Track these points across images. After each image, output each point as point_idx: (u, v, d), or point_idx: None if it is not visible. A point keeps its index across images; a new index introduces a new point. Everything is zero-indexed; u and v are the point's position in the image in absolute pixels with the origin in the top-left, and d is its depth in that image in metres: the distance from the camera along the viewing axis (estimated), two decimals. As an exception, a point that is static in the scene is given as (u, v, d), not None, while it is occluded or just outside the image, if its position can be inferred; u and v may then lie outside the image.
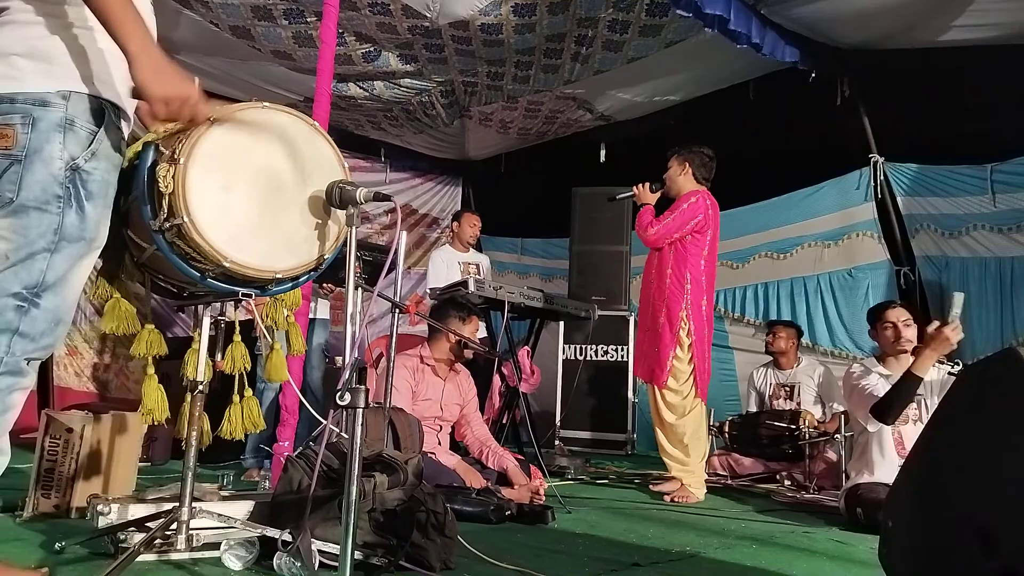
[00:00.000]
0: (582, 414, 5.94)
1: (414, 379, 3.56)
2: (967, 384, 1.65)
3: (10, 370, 1.56)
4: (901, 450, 3.33)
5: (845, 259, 5.71)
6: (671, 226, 3.91)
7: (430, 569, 2.02)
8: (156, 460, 4.36)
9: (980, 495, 1.38)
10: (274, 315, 2.27)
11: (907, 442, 3.32)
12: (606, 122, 6.75)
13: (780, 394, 4.98)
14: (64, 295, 1.62)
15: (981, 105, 4.63)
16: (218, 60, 5.32)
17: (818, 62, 5.07)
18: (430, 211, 8.06)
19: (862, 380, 3.37)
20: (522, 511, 2.98)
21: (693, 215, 3.90)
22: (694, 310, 3.90)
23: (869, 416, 3.23)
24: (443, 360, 3.66)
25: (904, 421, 3.35)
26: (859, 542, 2.77)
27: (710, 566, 2.37)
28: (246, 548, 2.03)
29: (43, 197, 1.56)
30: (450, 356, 3.67)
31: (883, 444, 3.34)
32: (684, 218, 3.90)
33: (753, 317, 6.16)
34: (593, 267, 6.15)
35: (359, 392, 1.63)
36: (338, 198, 1.86)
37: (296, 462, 2.24)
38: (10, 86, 1.56)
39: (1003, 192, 4.98)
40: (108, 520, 2.12)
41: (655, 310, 4.00)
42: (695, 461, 3.88)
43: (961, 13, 4.47)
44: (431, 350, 3.67)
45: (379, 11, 4.73)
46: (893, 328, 3.40)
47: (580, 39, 5.16)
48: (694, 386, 3.92)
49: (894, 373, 3.34)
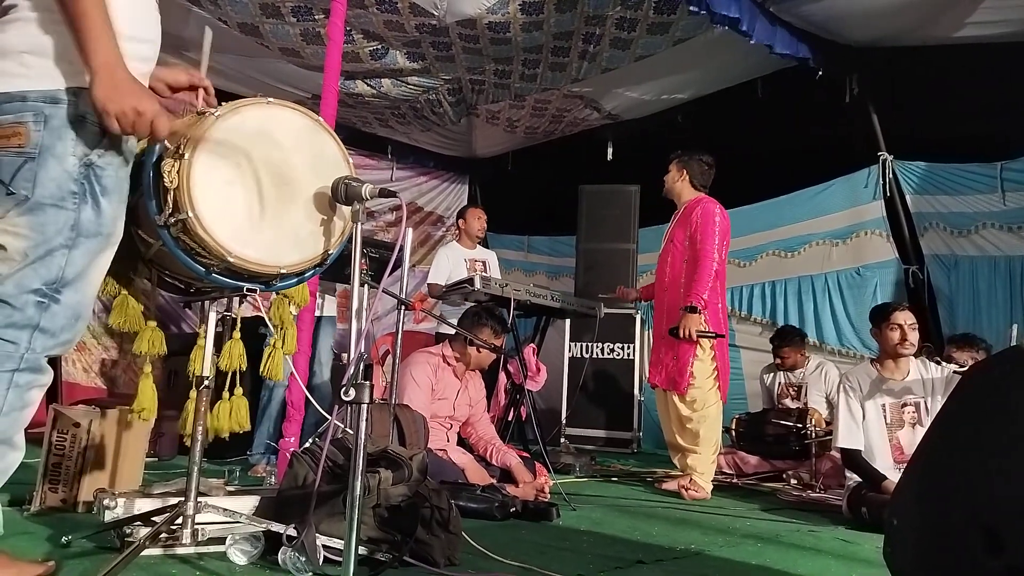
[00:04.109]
0: (588, 412, 5.94)
1: (435, 377, 3.61)
2: (973, 382, 1.63)
3: (30, 367, 1.58)
4: (899, 455, 3.35)
5: (853, 257, 5.69)
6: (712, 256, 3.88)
7: (434, 565, 2.02)
8: (163, 455, 4.38)
9: (985, 494, 1.37)
10: (281, 314, 2.27)
11: (905, 447, 3.35)
12: (613, 120, 6.74)
13: (788, 393, 4.98)
14: (83, 290, 1.64)
15: (990, 103, 4.60)
16: (227, 57, 5.33)
17: (827, 60, 5.04)
18: (435, 209, 8.06)
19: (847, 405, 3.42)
20: (527, 508, 2.98)
21: (724, 234, 3.95)
22: (711, 312, 3.91)
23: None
24: (466, 363, 3.70)
25: (900, 426, 3.38)
26: (865, 541, 2.76)
27: (714, 564, 2.36)
28: (251, 543, 2.04)
29: (59, 194, 1.58)
30: (479, 364, 3.72)
31: (873, 451, 3.36)
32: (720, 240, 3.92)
33: (760, 315, 6.15)
34: (600, 265, 6.14)
35: (363, 388, 1.64)
36: (343, 194, 1.86)
37: (301, 458, 2.24)
38: (21, 84, 1.57)
39: (1013, 190, 4.95)
40: (114, 514, 2.14)
41: (672, 317, 4.00)
42: (706, 459, 3.88)
43: (972, 11, 4.44)
44: (456, 351, 3.70)
45: (387, 9, 4.73)
46: (900, 330, 3.40)
47: (588, 37, 5.15)
48: (716, 386, 3.94)
49: (891, 379, 3.41)
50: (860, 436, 3.38)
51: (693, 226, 3.97)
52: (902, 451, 3.35)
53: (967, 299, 5.18)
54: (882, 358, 3.51)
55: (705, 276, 3.84)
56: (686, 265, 3.99)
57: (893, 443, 3.37)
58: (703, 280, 3.84)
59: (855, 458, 3.36)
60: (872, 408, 3.41)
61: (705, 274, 3.84)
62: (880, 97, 5.38)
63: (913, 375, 3.43)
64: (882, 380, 3.44)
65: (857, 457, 3.36)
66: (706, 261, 3.86)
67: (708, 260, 3.86)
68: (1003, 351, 1.60)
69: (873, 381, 3.45)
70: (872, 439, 3.37)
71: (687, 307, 3.83)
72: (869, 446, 3.37)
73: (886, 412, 3.40)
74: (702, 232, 3.92)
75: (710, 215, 3.95)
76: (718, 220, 3.94)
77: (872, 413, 3.40)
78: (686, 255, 4.00)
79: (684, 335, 3.82)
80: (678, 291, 4.00)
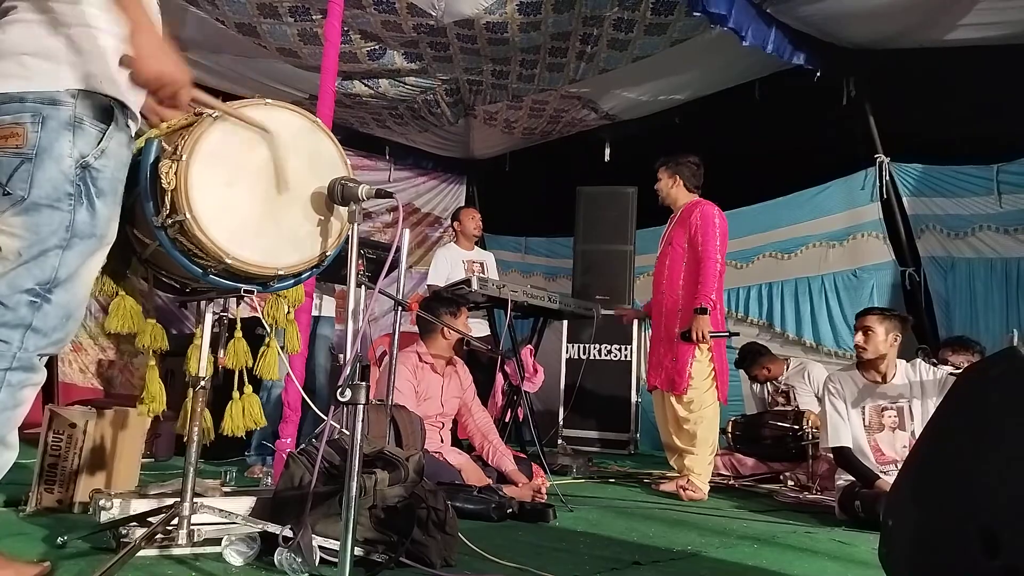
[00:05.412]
0: (585, 413, 5.94)
1: (416, 378, 3.55)
2: (969, 383, 1.64)
3: (23, 365, 1.58)
4: (879, 455, 3.37)
5: (850, 259, 5.69)
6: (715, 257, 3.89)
7: (430, 566, 2.02)
8: (159, 456, 4.38)
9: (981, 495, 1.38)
10: (275, 312, 2.27)
11: (885, 450, 3.37)
12: (611, 121, 6.74)
13: (778, 400, 4.99)
14: (75, 291, 1.64)
15: (987, 105, 4.62)
16: (224, 57, 5.33)
17: (824, 62, 5.05)
18: (433, 210, 8.05)
19: (832, 405, 3.44)
20: (523, 509, 2.98)
21: (724, 235, 3.96)
22: (711, 314, 3.91)
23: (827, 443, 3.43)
24: (440, 356, 3.67)
25: (880, 429, 3.40)
26: (861, 542, 2.76)
27: (711, 565, 2.36)
28: (247, 544, 2.03)
29: (55, 195, 1.58)
30: (448, 353, 3.67)
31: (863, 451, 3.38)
32: (721, 242, 3.93)
33: (757, 317, 6.15)
34: (597, 266, 6.15)
35: (360, 388, 1.64)
36: (340, 195, 1.86)
37: (298, 458, 2.24)
38: (20, 85, 1.58)
39: (1009, 192, 4.96)
40: (110, 515, 2.14)
41: (671, 319, 4.00)
42: (703, 460, 3.89)
43: (967, 12, 4.45)
44: (427, 347, 3.67)
45: (384, 9, 4.73)
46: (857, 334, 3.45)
47: (585, 38, 5.15)
48: (713, 387, 3.95)
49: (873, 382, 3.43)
50: (848, 433, 3.38)
51: (693, 228, 3.97)
52: (882, 453, 3.37)
53: (964, 301, 5.19)
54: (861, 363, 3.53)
55: (711, 277, 3.85)
56: (686, 267, 4.00)
57: (872, 445, 3.38)
58: (709, 281, 3.85)
59: (847, 455, 3.35)
60: (854, 412, 3.43)
61: (710, 275, 3.86)
62: (877, 99, 5.39)
63: (899, 379, 3.42)
64: (864, 383, 3.45)
65: (848, 454, 3.35)
66: (710, 262, 3.87)
67: (712, 261, 3.87)
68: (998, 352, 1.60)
69: (855, 384, 3.47)
70: (854, 441, 3.39)
71: (698, 308, 3.84)
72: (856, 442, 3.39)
73: (865, 415, 3.42)
74: (703, 234, 3.93)
75: (710, 217, 3.96)
76: (717, 222, 3.95)
77: (853, 417, 3.42)
78: (686, 257, 4.01)
79: (697, 337, 3.83)
80: (677, 293, 4.01)
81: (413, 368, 3.56)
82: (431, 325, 3.59)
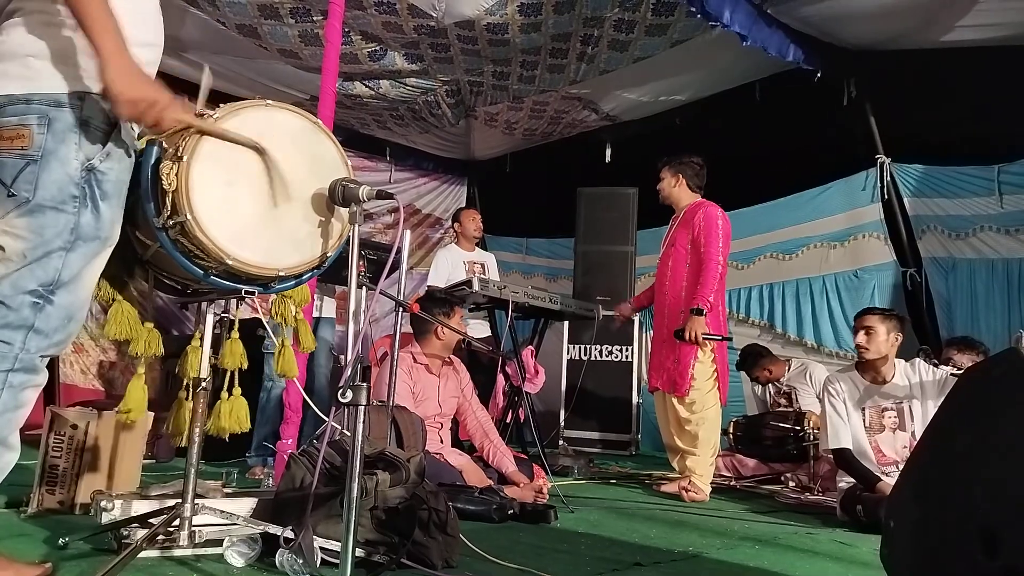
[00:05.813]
0: (586, 414, 5.94)
1: (411, 379, 3.55)
2: (970, 384, 1.64)
3: (25, 367, 1.58)
4: (880, 456, 3.36)
5: (851, 260, 5.69)
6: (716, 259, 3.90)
7: (431, 567, 2.02)
8: (160, 457, 4.37)
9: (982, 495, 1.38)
10: (283, 312, 2.28)
11: (886, 451, 3.37)
12: (611, 122, 6.74)
13: (780, 402, 4.99)
14: (77, 292, 1.65)
15: (988, 106, 4.61)
16: (225, 58, 5.33)
17: (824, 62, 5.05)
18: (433, 211, 8.05)
19: (832, 406, 3.43)
20: (524, 510, 2.97)
21: (727, 237, 3.97)
22: (712, 315, 3.91)
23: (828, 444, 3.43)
24: (436, 357, 3.66)
25: (880, 429, 3.39)
26: (862, 543, 2.76)
27: (712, 566, 2.36)
28: (248, 545, 2.04)
29: (59, 197, 1.59)
30: (444, 353, 3.67)
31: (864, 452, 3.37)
32: (723, 244, 3.94)
33: (758, 318, 6.15)
34: (598, 267, 6.15)
35: (361, 389, 1.64)
36: (341, 196, 1.86)
37: (299, 459, 2.24)
38: (26, 87, 1.58)
39: (1010, 193, 4.96)
40: (111, 516, 2.14)
41: (673, 320, 4.00)
42: (705, 461, 3.88)
43: (967, 13, 4.45)
44: (422, 348, 3.66)
45: (385, 10, 4.73)
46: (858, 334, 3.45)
47: (586, 39, 5.16)
48: (715, 388, 3.95)
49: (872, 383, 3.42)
50: (848, 434, 3.38)
51: (696, 230, 3.97)
52: (883, 454, 3.37)
53: (965, 302, 5.18)
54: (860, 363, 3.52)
55: (711, 279, 3.85)
56: (689, 268, 4.00)
57: (873, 446, 3.38)
58: (709, 283, 3.85)
59: (847, 457, 3.36)
60: (854, 413, 3.42)
61: (711, 277, 3.86)
62: (878, 100, 5.38)
63: (898, 379, 3.42)
64: (864, 384, 3.45)
65: (849, 456, 3.35)
66: (711, 264, 3.87)
67: (713, 263, 3.87)
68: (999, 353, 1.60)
69: (855, 385, 3.47)
70: (855, 443, 3.38)
71: (694, 309, 3.84)
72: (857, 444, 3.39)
73: (866, 416, 3.41)
74: (706, 235, 3.93)
75: (713, 219, 3.96)
76: (721, 224, 3.95)
77: (854, 418, 3.42)
78: (688, 258, 4.01)
79: (689, 337, 3.83)
80: (680, 294, 4.01)
81: (408, 369, 3.56)
82: (425, 326, 3.59)
